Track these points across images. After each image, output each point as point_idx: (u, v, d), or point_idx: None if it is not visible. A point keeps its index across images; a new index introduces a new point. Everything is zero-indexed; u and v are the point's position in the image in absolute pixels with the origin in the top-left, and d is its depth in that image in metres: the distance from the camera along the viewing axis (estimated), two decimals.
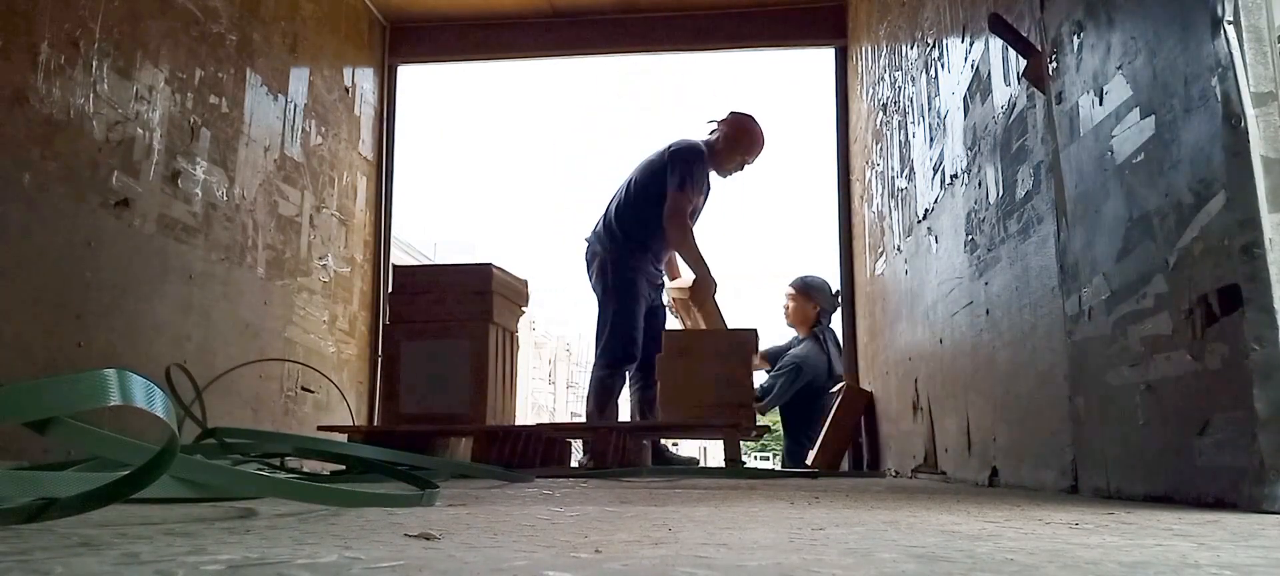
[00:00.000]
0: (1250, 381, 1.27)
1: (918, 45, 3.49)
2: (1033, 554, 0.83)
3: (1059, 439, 1.99)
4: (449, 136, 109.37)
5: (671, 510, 1.42)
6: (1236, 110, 1.33)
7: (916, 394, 3.46)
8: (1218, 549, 0.87)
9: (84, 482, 1.11)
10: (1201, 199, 1.39)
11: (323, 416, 4.54)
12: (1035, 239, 2.16)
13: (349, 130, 5.12)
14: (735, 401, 3.93)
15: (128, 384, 0.90)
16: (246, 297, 4.06)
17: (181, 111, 3.63)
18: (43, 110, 2.93)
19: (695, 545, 0.90)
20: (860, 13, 5.00)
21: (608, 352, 4.54)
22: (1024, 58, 2.18)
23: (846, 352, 5.17)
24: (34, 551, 0.79)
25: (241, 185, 4.03)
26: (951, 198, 2.96)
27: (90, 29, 3.13)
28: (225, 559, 0.75)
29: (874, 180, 4.50)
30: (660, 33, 5.50)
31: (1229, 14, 1.36)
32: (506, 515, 1.29)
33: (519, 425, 4.11)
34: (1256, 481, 1.25)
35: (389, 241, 5.50)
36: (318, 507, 1.33)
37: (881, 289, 4.29)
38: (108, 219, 3.22)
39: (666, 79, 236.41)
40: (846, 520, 1.23)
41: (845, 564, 0.76)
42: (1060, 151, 1.95)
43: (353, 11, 5.19)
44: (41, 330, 2.93)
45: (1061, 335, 1.96)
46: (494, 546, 0.88)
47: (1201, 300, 1.39)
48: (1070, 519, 1.22)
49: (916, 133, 3.50)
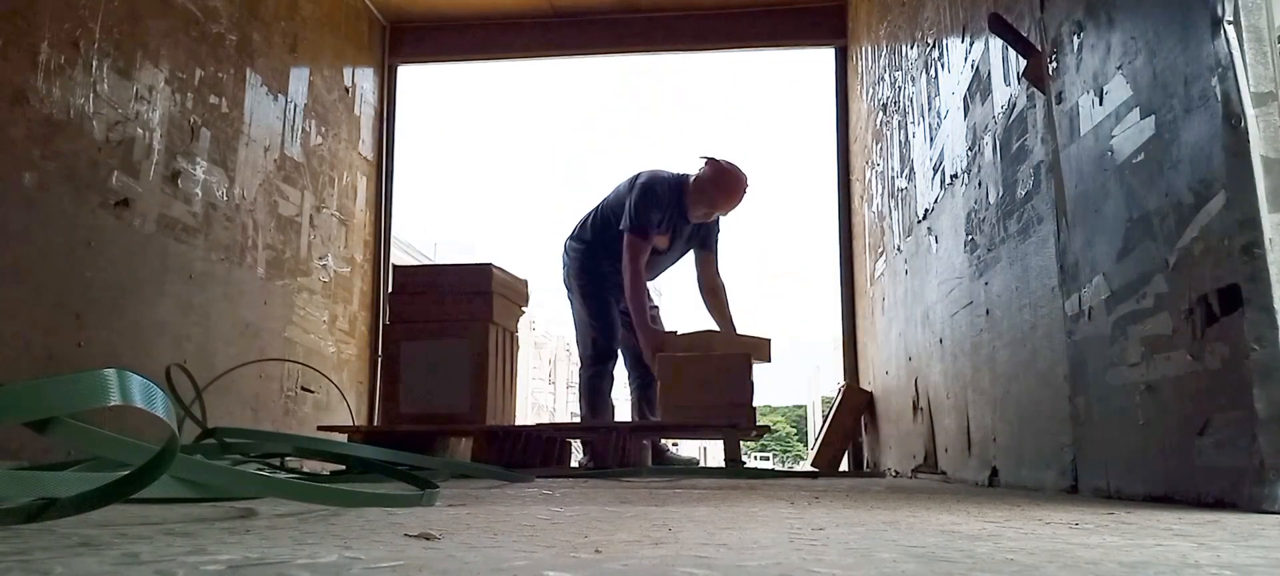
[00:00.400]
0: (1250, 381, 1.27)
1: (918, 45, 3.49)
2: (1033, 554, 0.83)
3: (1059, 439, 1.99)
4: (449, 136, 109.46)
5: (671, 510, 1.42)
6: (1236, 110, 1.33)
7: (916, 394, 3.46)
8: (1218, 549, 0.87)
9: (84, 482, 1.11)
10: (1201, 199, 1.39)
11: (323, 416, 4.54)
12: (1035, 239, 2.16)
13: (349, 130, 5.12)
14: (735, 401, 3.93)
15: (128, 384, 0.90)
16: (246, 298, 4.06)
17: (181, 111, 3.63)
18: (43, 110, 2.93)
19: (695, 545, 0.90)
20: (860, 13, 5.00)
21: (587, 350, 4.53)
22: (1024, 58, 2.18)
23: (846, 352, 5.17)
24: (34, 551, 0.79)
25: (241, 185, 4.03)
26: (951, 198, 2.96)
27: (90, 29, 3.13)
28: (225, 559, 0.75)
29: (874, 180, 4.50)
30: (660, 33, 5.50)
31: (1229, 14, 1.36)
32: (506, 515, 1.29)
33: (519, 425, 4.11)
34: (1256, 481, 1.25)
35: (389, 241, 5.50)
36: (318, 507, 1.33)
37: (881, 289, 4.29)
38: (108, 219, 3.22)
39: (667, 79, 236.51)
40: (846, 520, 1.23)
41: (845, 564, 0.76)
42: (1060, 151, 1.95)
43: (353, 11, 5.19)
44: (41, 330, 2.93)
45: (1061, 335, 1.96)
46: (494, 546, 0.88)
47: (1201, 300, 1.39)
48: (1070, 519, 1.22)
49: (916, 132, 3.50)
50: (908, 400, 3.61)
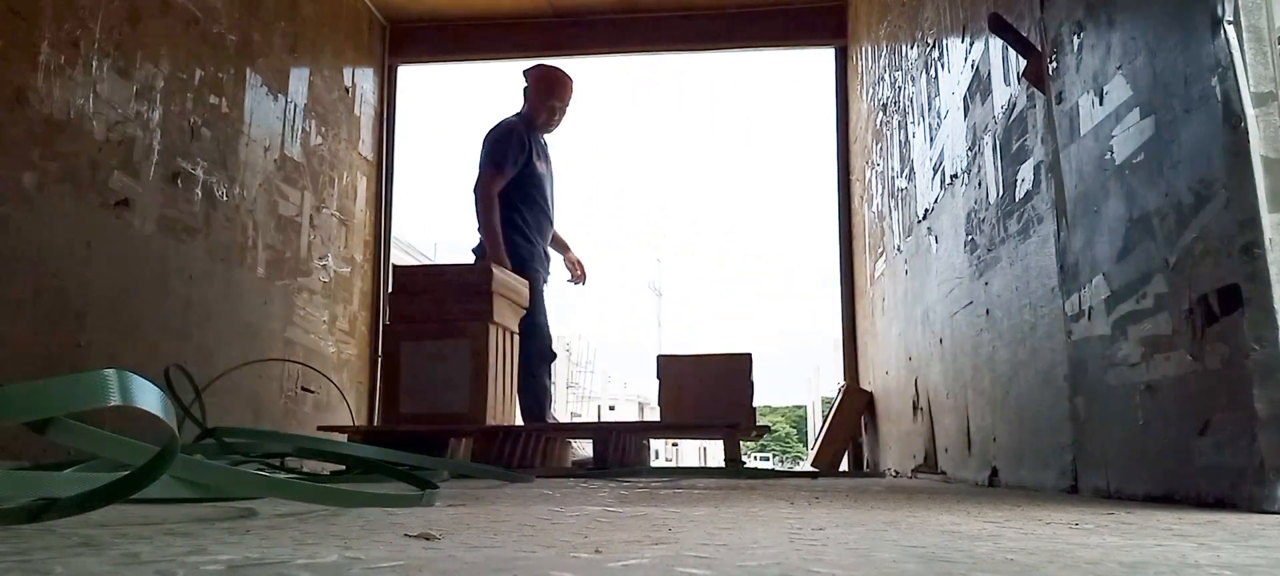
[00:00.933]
0: (1250, 381, 1.27)
1: (918, 45, 3.49)
2: (1033, 554, 0.83)
3: (1059, 439, 1.99)
4: (449, 136, 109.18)
5: (671, 510, 1.42)
6: (1236, 110, 1.33)
7: (916, 394, 3.46)
8: (1218, 549, 0.87)
9: (84, 482, 1.11)
10: (1201, 199, 1.39)
11: (323, 416, 4.54)
12: (1035, 239, 2.16)
13: (349, 130, 5.12)
14: (735, 402, 3.94)
15: (128, 384, 0.90)
16: (246, 298, 4.06)
17: (181, 111, 3.63)
18: (43, 110, 2.93)
19: (695, 545, 0.90)
20: (860, 13, 5.00)
21: (539, 356, 4.45)
22: (1024, 58, 2.18)
23: (846, 352, 5.17)
24: (34, 551, 0.79)
25: (241, 185, 4.03)
26: (951, 198, 2.96)
27: (90, 29, 3.13)
28: (225, 559, 0.75)
29: (874, 180, 4.50)
30: (660, 33, 5.50)
31: (1229, 14, 1.36)
32: (506, 515, 1.29)
33: (519, 425, 4.11)
34: (1256, 481, 1.25)
35: (389, 241, 5.50)
36: (318, 508, 1.33)
37: (881, 289, 4.29)
38: (108, 219, 3.22)
39: (667, 79, 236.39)
40: (847, 520, 1.23)
41: (845, 564, 0.76)
42: (1060, 151, 1.95)
43: (353, 11, 5.19)
44: (41, 330, 2.93)
45: (1061, 335, 1.96)
46: (494, 546, 0.88)
47: (1201, 300, 1.39)
48: (1070, 519, 1.22)
49: (916, 133, 3.50)
50: (908, 400, 3.61)
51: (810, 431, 19.57)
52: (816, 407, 15.15)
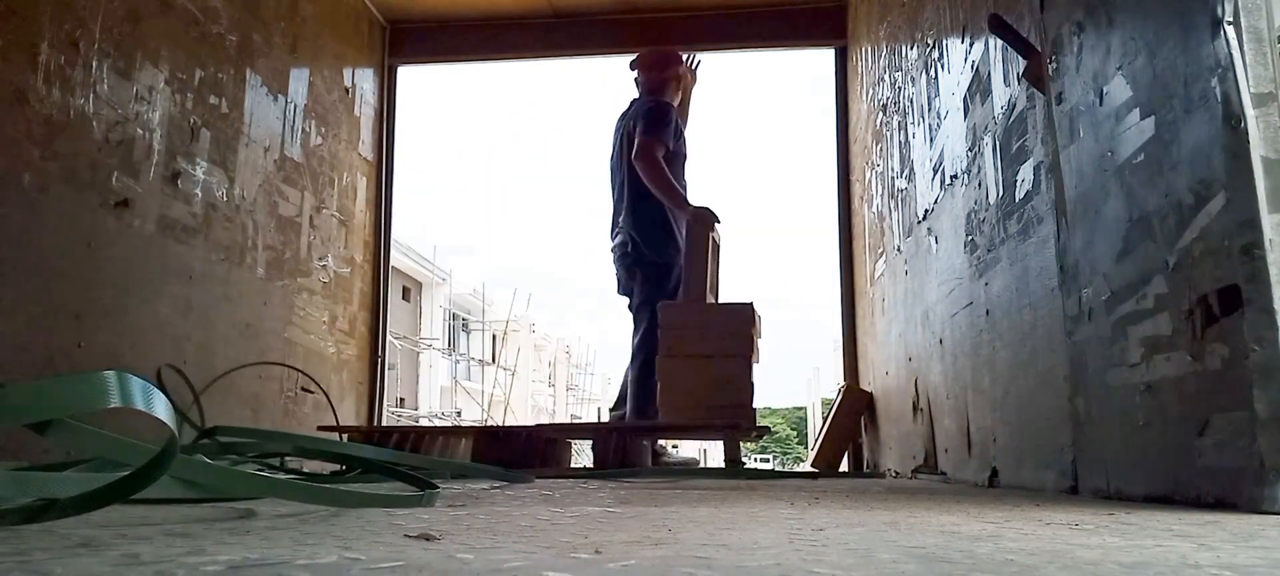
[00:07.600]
0: (1250, 381, 1.27)
1: (918, 46, 3.49)
2: (1033, 554, 0.83)
3: (1059, 439, 1.99)
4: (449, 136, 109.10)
5: (671, 510, 1.42)
6: (1236, 111, 1.33)
7: (916, 394, 3.46)
8: (1218, 549, 0.87)
9: (84, 483, 1.11)
10: (1201, 199, 1.39)
11: (323, 416, 4.54)
12: (1035, 239, 2.16)
13: (349, 131, 5.12)
14: (735, 401, 3.93)
15: (128, 385, 0.90)
16: (246, 298, 4.06)
17: (181, 111, 3.63)
18: (43, 110, 2.93)
19: (695, 545, 0.90)
20: (860, 13, 5.00)
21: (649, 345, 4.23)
22: (1024, 58, 2.18)
23: (846, 352, 5.17)
24: (34, 551, 0.79)
25: (241, 186, 4.03)
26: (951, 198, 2.96)
27: (90, 29, 3.13)
28: (225, 559, 0.75)
29: (874, 180, 4.50)
30: (660, 33, 5.49)
31: (1229, 14, 1.36)
32: (506, 516, 1.29)
33: (519, 425, 4.11)
34: (1256, 481, 1.25)
35: (389, 242, 5.50)
36: (317, 508, 1.33)
37: (881, 289, 4.29)
38: (108, 219, 3.21)
39: None
40: (847, 520, 1.23)
41: (845, 564, 0.76)
42: (1060, 152, 1.95)
43: (353, 12, 5.19)
44: (41, 330, 2.93)
45: (1061, 335, 1.96)
46: (494, 547, 0.88)
47: (1201, 301, 1.39)
48: (1070, 519, 1.22)
49: (916, 133, 3.50)
50: (908, 401, 3.61)
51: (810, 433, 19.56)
52: (816, 409, 15.14)
